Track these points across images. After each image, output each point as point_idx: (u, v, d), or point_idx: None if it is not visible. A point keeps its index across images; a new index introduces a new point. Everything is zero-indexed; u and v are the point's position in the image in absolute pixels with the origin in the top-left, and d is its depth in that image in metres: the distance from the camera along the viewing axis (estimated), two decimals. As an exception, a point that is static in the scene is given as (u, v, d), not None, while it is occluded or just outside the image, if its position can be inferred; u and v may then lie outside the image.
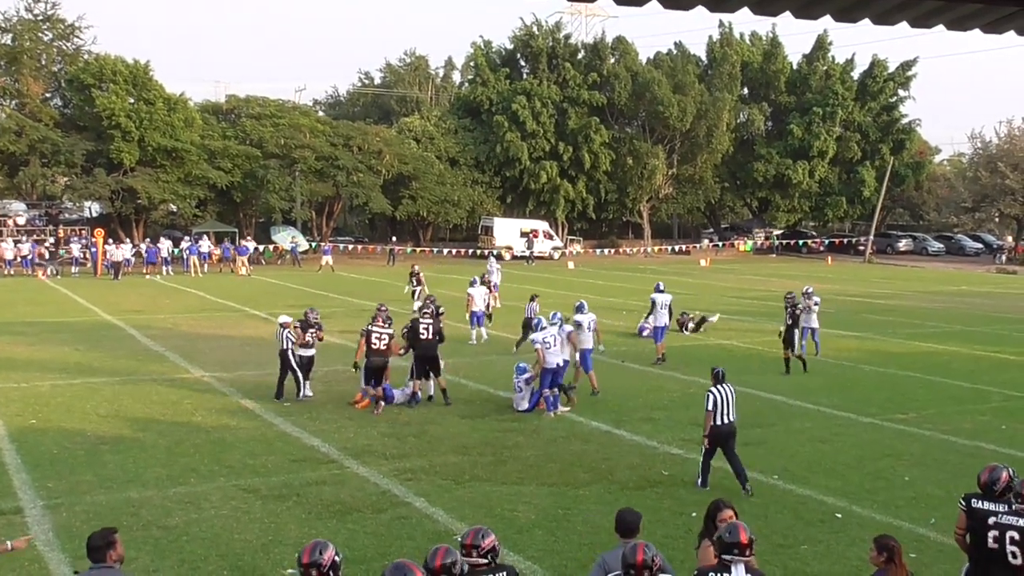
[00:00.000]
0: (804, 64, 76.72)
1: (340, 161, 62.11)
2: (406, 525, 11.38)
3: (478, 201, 69.19)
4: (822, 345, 24.86)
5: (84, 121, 57.93)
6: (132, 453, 14.37)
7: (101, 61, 57.88)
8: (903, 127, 77.01)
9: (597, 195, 72.86)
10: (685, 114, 69.32)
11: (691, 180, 74.02)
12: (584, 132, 69.74)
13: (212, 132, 61.58)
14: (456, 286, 36.66)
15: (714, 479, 13.00)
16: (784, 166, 73.10)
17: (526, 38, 73.29)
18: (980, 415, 17.81)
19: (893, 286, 48.89)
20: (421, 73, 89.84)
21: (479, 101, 71.76)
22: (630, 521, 7.52)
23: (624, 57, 72.83)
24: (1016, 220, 72.93)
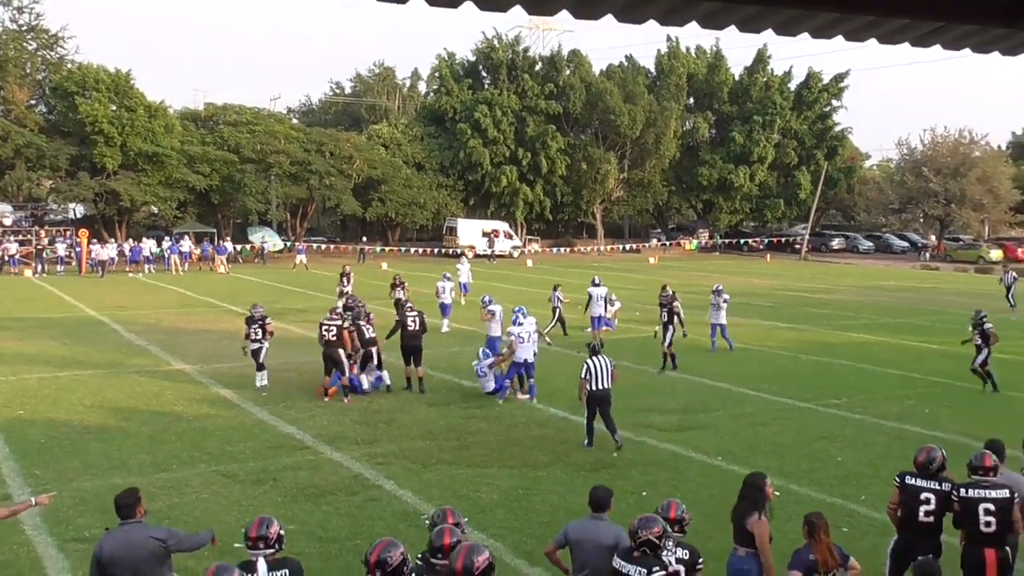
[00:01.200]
0: (745, 76, 77.17)
1: (313, 166, 61.83)
2: (377, 506, 11.36)
3: (443, 203, 69.03)
4: (759, 336, 25.04)
5: (68, 127, 57.21)
6: (116, 441, 14.24)
7: (84, 70, 57.23)
8: (836, 135, 77.68)
9: (554, 198, 72.95)
10: (635, 122, 69.57)
11: (641, 184, 74.27)
12: (541, 139, 69.79)
13: (191, 138, 61.02)
14: (423, 283, 36.59)
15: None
16: (727, 171, 73.55)
17: (487, 51, 73.20)
18: (906, 400, 18.03)
19: (827, 281, 49.33)
20: (389, 83, 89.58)
21: (443, 110, 71.59)
22: (601, 497, 7.51)
23: (579, 69, 72.90)
24: (939, 220, 73.76)
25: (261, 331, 18.38)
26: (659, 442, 14.55)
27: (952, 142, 73.13)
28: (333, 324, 17.45)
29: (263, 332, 18.39)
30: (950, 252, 68.06)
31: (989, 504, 7.70)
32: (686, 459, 13.63)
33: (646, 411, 16.70)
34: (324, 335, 17.39)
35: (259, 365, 18.33)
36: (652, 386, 19.29)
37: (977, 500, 7.72)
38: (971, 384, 19.46)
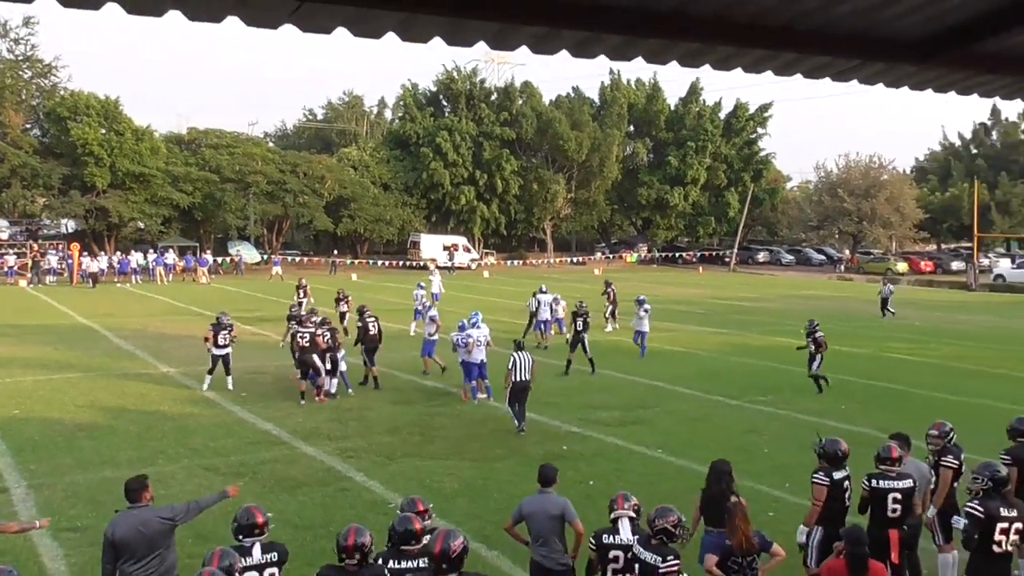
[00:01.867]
0: (680, 106, 77.76)
1: (288, 185, 61.41)
2: (348, 496, 11.30)
3: (407, 220, 68.75)
4: (693, 340, 25.14)
5: (60, 149, 56.26)
6: (106, 438, 14.03)
7: (76, 96, 56.41)
8: (761, 159, 78.57)
9: (508, 215, 73.02)
10: (581, 147, 69.85)
11: (586, 203, 74.53)
12: (497, 162, 69.88)
13: (175, 159, 60.32)
14: (390, 292, 36.46)
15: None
16: (663, 191, 74.07)
17: (448, 82, 73.17)
18: (824, 397, 18.24)
19: (753, 291, 49.84)
20: (357, 110, 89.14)
21: (408, 135, 71.39)
22: (547, 474, 7.69)
23: (530, 99, 73.08)
24: (852, 236, 74.81)
25: (229, 337, 18.10)
26: (604, 436, 14.62)
27: (864, 166, 74.25)
28: (307, 331, 17.30)
29: (230, 338, 18.13)
30: (862, 265, 69.01)
31: (896, 493, 7.81)
32: (628, 451, 13.71)
33: (591, 408, 16.78)
34: (299, 342, 17.25)
35: (227, 369, 18.00)
36: (596, 385, 19.38)
37: (887, 490, 7.80)
38: (881, 383, 19.81)
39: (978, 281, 54.93)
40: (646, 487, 11.62)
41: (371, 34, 4.12)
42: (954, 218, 74.74)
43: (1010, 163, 76.74)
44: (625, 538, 6.63)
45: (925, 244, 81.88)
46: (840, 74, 4.99)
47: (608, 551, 6.65)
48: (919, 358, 23.87)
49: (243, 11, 3.83)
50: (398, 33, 4.17)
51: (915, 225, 73.12)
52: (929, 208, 74.42)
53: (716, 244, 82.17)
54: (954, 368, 22.34)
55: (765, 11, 4.24)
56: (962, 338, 28.47)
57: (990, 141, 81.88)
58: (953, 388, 19.23)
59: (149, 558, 6.70)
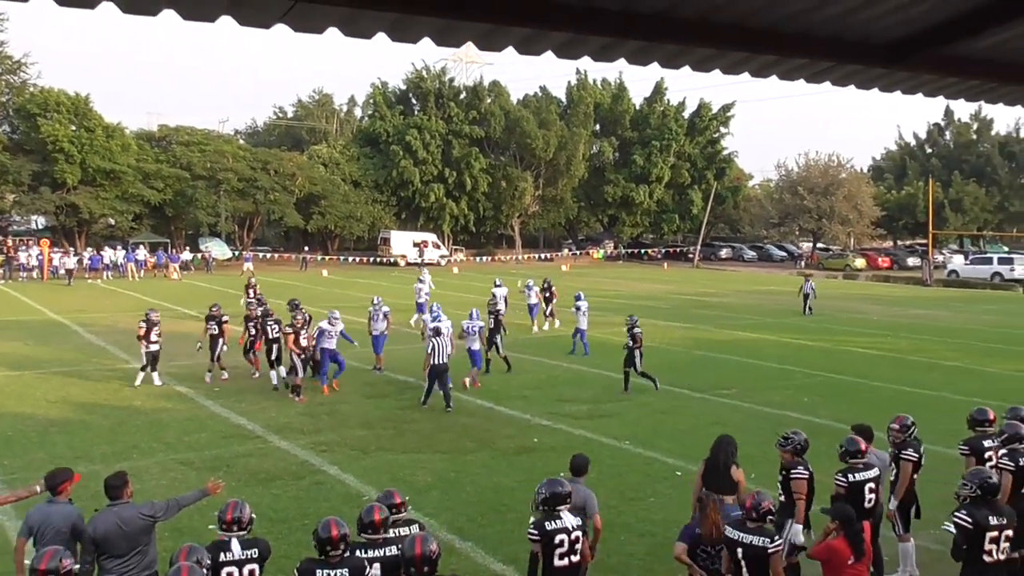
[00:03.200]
0: (645, 105, 78.10)
1: (259, 182, 60.97)
2: (322, 489, 11.23)
3: (377, 217, 68.52)
4: (658, 335, 25.20)
5: (30, 145, 55.32)
6: (79, 434, 13.85)
7: (46, 93, 55.55)
8: (724, 157, 79.16)
9: (477, 212, 72.99)
10: (549, 146, 69.98)
11: (554, 200, 74.70)
12: (466, 160, 69.80)
13: (146, 156, 59.61)
14: (361, 288, 36.25)
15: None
16: (629, 189, 74.38)
17: (417, 80, 72.95)
18: (787, 390, 18.38)
19: (716, 286, 50.11)
20: (327, 108, 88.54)
21: (378, 133, 71.11)
22: (578, 463, 7.75)
23: (499, 98, 73.07)
24: (812, 233, 75.54)
25: (219, 327, 18.12)
26: (573, 428, 14.63)
27: (823, 165, 74.97)
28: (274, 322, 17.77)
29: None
30: (822, 261, 69.67)
31: (871, 483, 7.85)
32: (597, 443, 13.72)
33: (561, 401, 16.80)
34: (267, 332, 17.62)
35: (154, 366, 17.81)
36: (565, 379, 19.41)
37: (863, 482, 7.80)
38: (842, 376, 19.98)
39: (933, 277, 55.69)
40: (615, 478, 11.69)
41: (362, 34, 4.11)
42: (909, 216, 75.74)
43: (962, 163, 77.92)
44: (569, 522, 6.59)
45: (882, 241, 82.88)
46: (814, 76, 5.04)
47: (554, 536, 6.54)
48: (877, 351, 24.13)
49: (237, 11, 3.80)
50: (389, 34, 4.17)
51: (872, 222, 74.01)
52: (886, 206, 75.37)
53: (680, 241, 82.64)
54: (911, 361, 22.62)
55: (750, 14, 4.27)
56: (918, 332, 28.84)
57: (943, 141, 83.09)
58: (911, 380, 19.47)
59: (130, 555, 6.64)
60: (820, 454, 8.87)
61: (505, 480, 11.61)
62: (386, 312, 20.19)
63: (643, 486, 11.56)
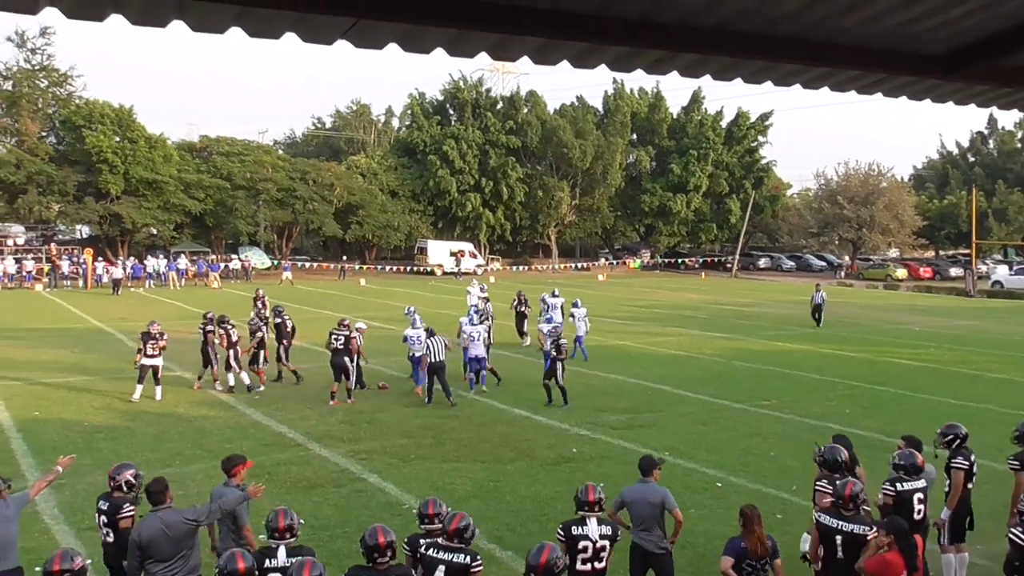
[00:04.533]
0: (682, 114, 77.85)
1: (298, 192, 61.65)
2: (362, 497, 11.30)
3: (414, 226, 68.89)
4: (696, 345, 25.05)
5: (75, 156, 56.43)
6: (124, 440, 14.06)
7: (91, 105, 56.66)
8: (762, 166, 78.63)
9: (513, 221, 73.14)
10: (585, 155, 69.98)
11: (590, 209, 74.64)
12: (502, 169, 70.01)
13: (188, 167, 60.47)
14: (398, 297, 36.46)
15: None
16: (666, 198, 74.10)
17: (454, 91, 73.34)
18: (828, 401, 18.19)
19: (754, 296, 49.73)
20: (365, 119, 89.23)
21: (415, 143, 71.55)
22: (647, 464, 7.92)
23: (535, 108, 73.26)
24: (852, 243, 74.67)
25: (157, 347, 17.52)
26: (612, 439, 14.59)
27: (863, 174, 74.17)
28: (341, 334, 17.41)
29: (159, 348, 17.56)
30: (862, 271, 68.89)
31: (920, 493, 7.75)
32: (636, 454, 13.52)
33: (600, 411, 16.75)
34: (332, 343, 17.34)
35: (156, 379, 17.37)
36: (603, 388, 19.35)
37: (911, 491, 7.72)
38: (885, 388, 19.74)
39: (976, 287, 54.80)
40: (655, 489, 11.60)
41: (422, 50, 4.21)
42: (952, 225, 74.68)
43: (1006, 171, 76.72)
44: (593, 532, 6.82)
45: (923, 251, 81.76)
46: (866, 87, 5.02)
47: (577, 542, 6.81)
48: (920, 363, 23.81)
49: (302, 28, 3.91)
50: (447, 49, 4.27)
51: (913, 232, 73.05)
52: (927, 215, 74.38)
53: (718, 250, 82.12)
54: (955, 373, 22.28)
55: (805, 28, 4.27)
56: (961, 343, 28.41)
57: (987, 149, 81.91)
58: (955, 392, 19.18)
59: (174, 559, 6.73)
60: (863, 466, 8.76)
61: (544, 490, 11.61)
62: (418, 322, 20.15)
63: (683, 497, 11.42)
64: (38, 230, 58.75)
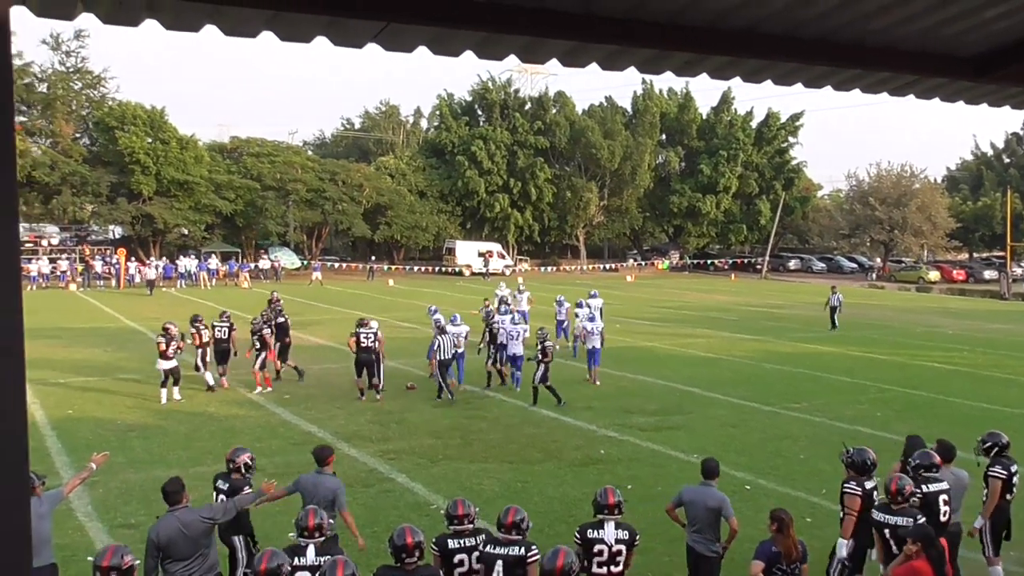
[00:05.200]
0: (712, 115, 77.43)
1: (327, 193, 62.00)
2: (390, 497, 11.37)
3: (442, 227, 69.04)
4: (726, 347, 24.86)
5: (108, 157, 57.11)
6: (156, 438, 14.23)
7: (123, 107, 57.33)
8: (793, 167, 78.03)
9: (541, 222, 73.11)
10: (614, 156, 69.81)
11: (619, 210, 74.44)
12: (531, 170, 70.00)
13: (218, 167, 61.01)
14: (426, 298, 36.57)
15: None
16: (695, 199, 73.73)
17: (482, 92, 73.45)
18: (859, 404, 18.05)
19: (784, 298, 49.40)
20: (394, 120, 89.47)
21: (443, 144, 71.74)
22: (710, 467, 7.99)
23: (563, 108, 73.20)
24: (883, 245, 73.87)
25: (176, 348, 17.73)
26: (640, 441, 14.57)
27: (895, 175, 73.40)
28: (371, 332, 17.68)
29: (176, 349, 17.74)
30: (894, 273, 68.20)
31: (944, 495, 7.69)
32: (665, 456, 13.66)
33: (628, 412, 16.73)
34: (363, 341, 17.54)
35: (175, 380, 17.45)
36: (632, 390, 19.32)
37: (936, 493, 7.68)
38: (917, 391, 19.55)
39: (1011, 290, 54.08)
40: (684, 492, 11.57)
41: (451, 53, 4.24)
42: (986, 227, 73.72)
43: (1043, 172, 75.60)
44: (608, 536, 6.83)
45: (957, 253, 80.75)
46: (898, 89, 4.99)
47: (593, 545, 6.83)
48: (952, 366, 23.55)
49: (332, 32, 3.95)
50: (476, 52, 4.30)
51: (947, 234, 72.16)
52: (961, 217, 73.40)
53: (747, 252, 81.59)
54: (989, 377, 22.01)
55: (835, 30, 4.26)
56: (996, 347, 28.05)
57: (1022, 151, 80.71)
58: (989, 397, 18.94)
59: (192, 558, 6.82)
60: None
61: (572, 491, 11.61)
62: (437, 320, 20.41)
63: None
64: (72, 230, 59.63)
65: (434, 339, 18.09)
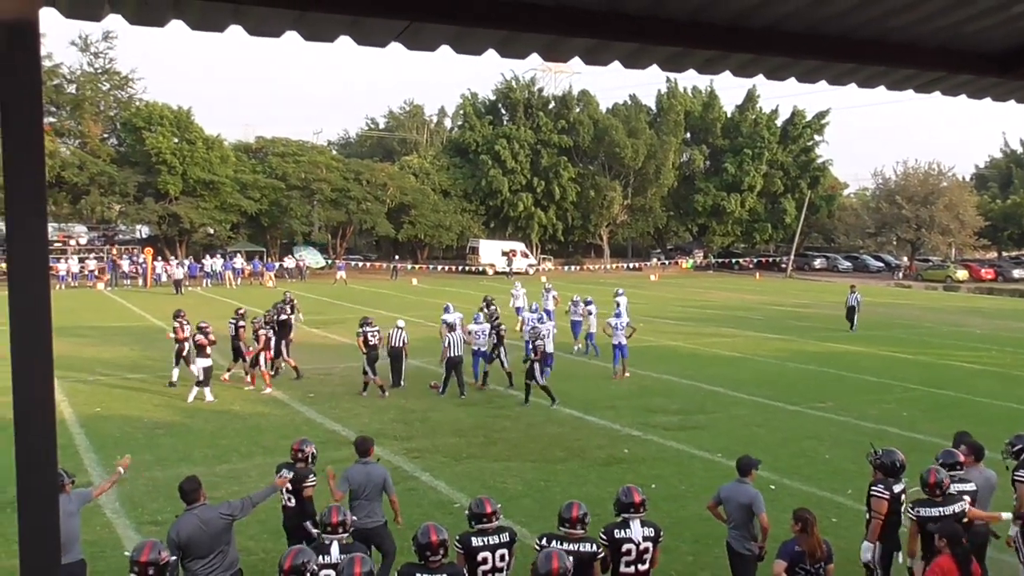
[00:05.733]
0: (737, 113, 77.04)
1: (351, 192, 62.23)
2: (414, 495, 11.40)
3: (466, 226, 69.13)
4: (751, 346, 24.78)
5: (136, 157, 57.66)
6: (182, 436, 14.35)
7: (150, 107, 57.84)
8: (818, 166, 77.45)
9: (565, 221, 73.02)
10: (638, 154, 69.63)
11: (642, 209, 74.22)
12: (554, 169, 69.95)
13: (244, 167, 61.42)
14: (450, 297, 36.63)
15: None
16: (720, 198, 73.39)
17: (506, 91, 73.45)
18: (885, 404, 17.90)
19: (810, 297, 49.09)
20: (418, 119, 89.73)
21: (467, 143, 71.82)
22: (744, 464, 8.07)
23: (587, 107, 73.08)
24: (910, 243, 73.19)
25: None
26: (664, 440, 14.53)
27: (922, 173, 72.63)
28: (376, 330, 18.29)
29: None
30: (921, 272, 67.57)
31: (968, 496, 7.58)
32: (689, 455, 13.62)
33: (651, 412, 16.69)
34: (371, 340, 18.12)
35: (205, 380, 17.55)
36: (655, 389, 19.27)
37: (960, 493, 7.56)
38: (944, 391, 19.37)
39: (1040, 289, 53.42)
40: (707, 491, 11.46)
41: (473, 51, 4.29)
42: (1015, 225, 72.86)
43: (1073, 170, 74.66)
44: (636, 534, 6.81)
45: (985, 251, 79.88)
46: (923, 86, 4.96)
47: (621, 545, 6.80)
48: (980, 366, 23.31)
49: (356, 31, 3.99)
50: (499, 50, 4.35)
51: (975, 232, 71.36)
52: (989, 215, 72.56)
53: (773, 250, 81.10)
54: (1017, 377, 21.74)
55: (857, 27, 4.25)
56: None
57: (1052, 148, 79.74)
58: (1017, 397, 18.71)
59: (213, 555, 6.88)
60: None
61: (595, 490, 11.59)
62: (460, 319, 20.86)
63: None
64: (100, 230, 60.22)
65: (444, 337, 18.48)
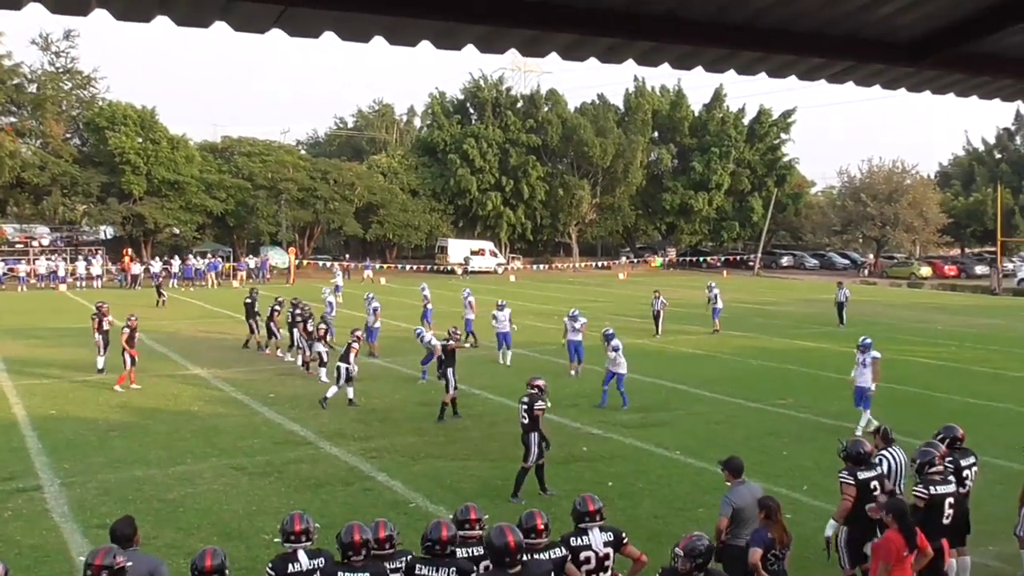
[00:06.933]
0: (704, 112, 77.42)
1: (319, 192, 61.88)
2: (370, 496, 11.31)
3: (435, 225, 69.00)
4: (715, 344, 24.83)
5: (99, 157, 56.99)
6: (137, 438, 14.16)
7: (114, 107, 57.14)
8: (785, 164, 78.05)
9: (534, 220, 73.05)
10: (606, 153, 69.79)
11: (611, 208, 74.43)
12: (523, 168, 69.98)
13: (209, 167, 60.89)
14: (418, 296, 36.45)
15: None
16: (687, 196, 73.76)
17: (474, 90, 73.36)
18: (845, 400, 17.79)
19: (777, 295, 49.43)
20: (387, 119, 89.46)
21: (436, 142, 71.63)
22: (737, 465, 7.96)
23: (556, 106, 73.13)
24: (876, 241, 73.86)
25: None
26: (623, 438, 14.53)
27: (887, 171, 73.32)
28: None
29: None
30: (886, 269, 68.24)
31: (951, 498, 7.64)
32: (647, 453, 13.62)
33: (612, 410, 16.67)
34: None
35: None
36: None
37: (943, 495, 7.63)
38: (903, 387, 19.52)
39: (1002, 285, 54.13)
40: (664, 488, 11.58)
41: (454, 47, 4.37)
42: (978, 223, 73.83)
43: (1034, 168, 75.72)
44: (596, 542, 6.58)
45: (949, 248, 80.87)
46: (835, 76, 4.97)
47: (579, 553, 6.54)
48: (940, 362, 23.55)
49: (339, 27, 4.07)
50: (434, 42, 4.39)
51: (938, 229, 72.20)
52: (953, 213, 73.46)
53: (740, 248, 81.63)
54: (975, 372, 22.01)
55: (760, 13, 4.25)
56: (984, 342, 28.06)
57: (1014, 146, 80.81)
58: (975, 392, 18.94)
59: None
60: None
61: (552, 488, 11.56)
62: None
63: (692, 496, 11.42)
64: (63, 231, 59.42)
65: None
